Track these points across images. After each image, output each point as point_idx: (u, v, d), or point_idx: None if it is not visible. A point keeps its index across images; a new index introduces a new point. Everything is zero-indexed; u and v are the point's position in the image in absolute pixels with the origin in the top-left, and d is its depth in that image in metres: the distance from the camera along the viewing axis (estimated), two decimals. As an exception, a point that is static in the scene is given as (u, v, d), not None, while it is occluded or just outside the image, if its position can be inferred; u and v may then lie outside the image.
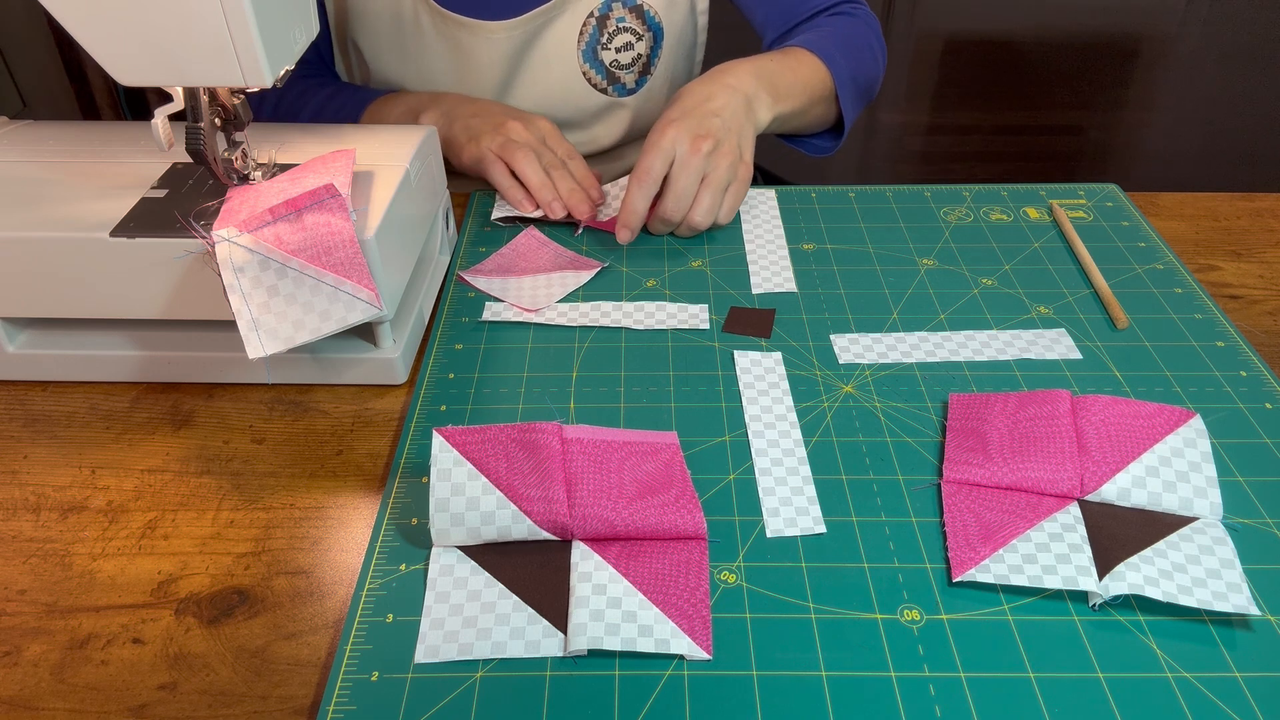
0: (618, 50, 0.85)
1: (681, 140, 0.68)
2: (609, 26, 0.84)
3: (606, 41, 0.85)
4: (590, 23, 0.83)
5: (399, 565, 0.48)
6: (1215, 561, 0.46)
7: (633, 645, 0.43)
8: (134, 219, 0.55)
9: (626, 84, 0.88)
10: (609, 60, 0.86)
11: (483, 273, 0.69)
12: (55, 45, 1.85)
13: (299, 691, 0.43)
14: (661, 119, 0.70)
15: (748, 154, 0.72)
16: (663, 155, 0.68)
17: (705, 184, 0.69)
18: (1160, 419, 0.51)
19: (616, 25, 0.84)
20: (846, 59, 0.81)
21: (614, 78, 0.87)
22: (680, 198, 0.69)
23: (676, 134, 0.68)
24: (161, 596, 0.47)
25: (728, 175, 0.70)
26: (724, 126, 0.70)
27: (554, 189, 0.74)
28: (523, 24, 0.82)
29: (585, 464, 0.49)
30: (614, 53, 0.85)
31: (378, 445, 0.56)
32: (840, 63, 0.80)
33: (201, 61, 0.50)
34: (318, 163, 0.58)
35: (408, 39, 0.84)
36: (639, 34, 0.86)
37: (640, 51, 0.87)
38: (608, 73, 0.86)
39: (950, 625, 0.44)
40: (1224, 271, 0.71)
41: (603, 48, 0.85)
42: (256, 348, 0.52)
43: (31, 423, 0.58)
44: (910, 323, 0.64)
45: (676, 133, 0.68)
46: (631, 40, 0.86)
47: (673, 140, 0.68)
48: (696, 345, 0.62)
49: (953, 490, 0.51)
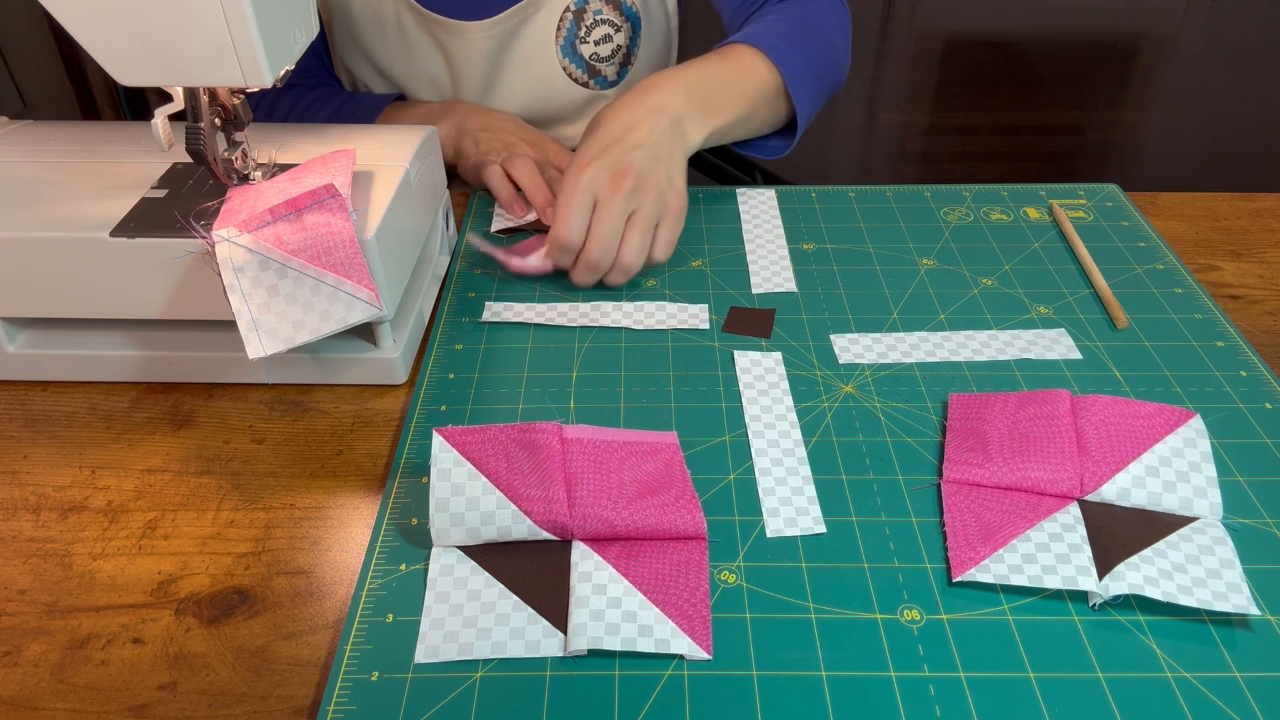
0: (596, 43, 0.85)
1: (600, 179, 0.63)
2: (586, 20, 0.83)
3: (585, 35, 0.84)
4: (567, 17, 0.83)
5: (399, 565, 0.48)
6: (1215, 561, 0.46)
7: (633, 645, 0.43)
8: (134, 219, 0.55)
9: (608, 76, 0.88)
10: (588, 54, 0.85)
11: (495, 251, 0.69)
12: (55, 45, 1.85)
13: (299, 691, 0.43)
14: (578, 156, 0.65)
15: (678, 182, 0.67)
16: (580, 199, 0.63)
17: (632, 222, 0.64)
18: (1160, 419, 0.51)
19: (594, 18, 0.84)
20: (796, 49, 0.75)
21: (594, 71, 0.86)
22: (604, 241, 0.63)
23: (594, 174, 0.63)
24: (161, 596, 0.47)
25: (654, 211, 0.65)
26: (647, 157, 0.65)
27: (549, 194, 0.72)
28: (499, 23, 0.82)
29: (585, 464, 0.49)
30: (593, 45, 0.85)
31: (378, 445, 0.56)
32: (789, 55, 0.74)
33: (201, 61, 0.50)
34: (318, 163, 0.58)
35: (392, 41, 0.84)
36: (617, 25, 0.85)
37: (619, 42, 0.86)
38: (588, 66, 0.86)
39: (950, 625, 0.44)
40: (1224, 271, 0.71)
41: (581, 41, 0.84)
42: (256, 348, 0.52)
43: (31, 423, 0.58)
44: (910, 323, 0.64)
45: (594, 172, 0.63)
46: (610, 32, 0.85)
47: (590, 180, 0.63)
48: (696, 345, 0.62)
49: (953, 490, 0.51)
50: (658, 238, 0.66)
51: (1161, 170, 2.40)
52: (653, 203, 0.65)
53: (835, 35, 0.80)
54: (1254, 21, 3.20)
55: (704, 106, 0.69)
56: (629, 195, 0.64)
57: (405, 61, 0.85)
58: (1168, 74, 2.89)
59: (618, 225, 0.64)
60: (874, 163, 2.46)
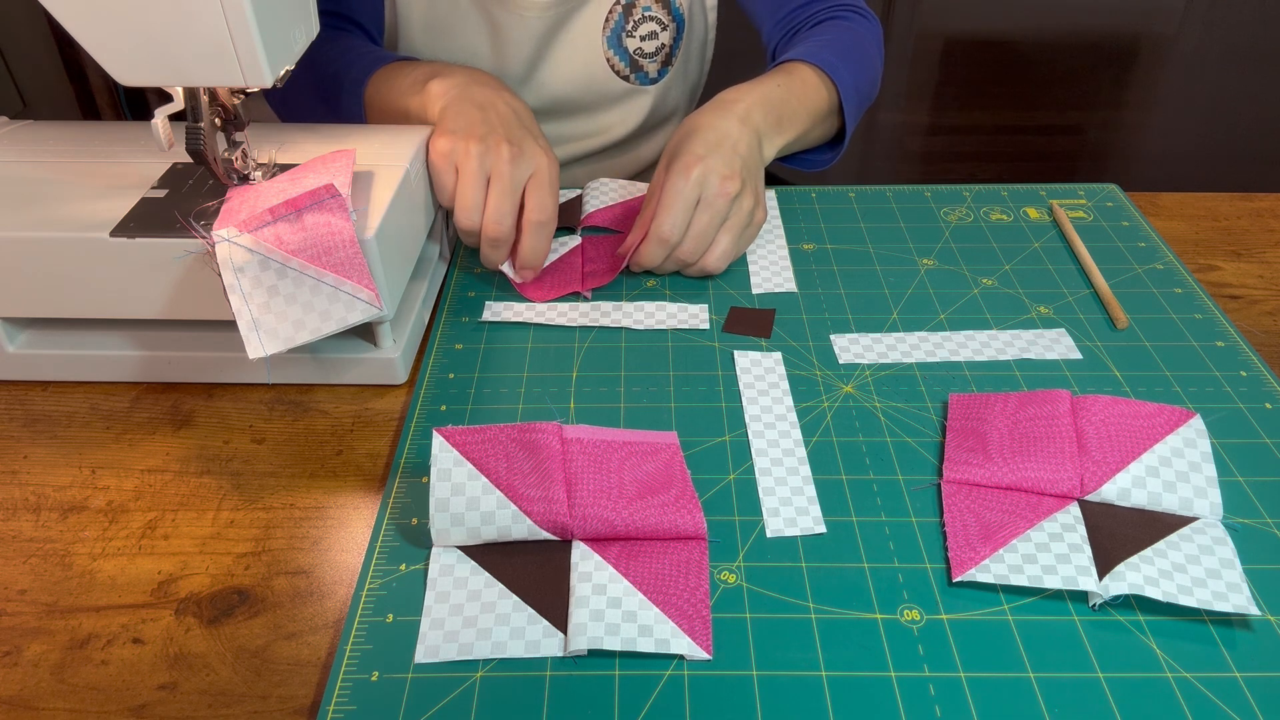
0: (642, 39, 0.86)
1: (710, 180, 0.64)
2: (635, 14, 0.85)
3: (632, 29, 0.85)
4: (617, 10, 0.84)
5: (399, 565, 0.48)
6: (1215, 561, 0.46)
7: (633, 645, 0.43)
8: (134, 219, 0.55)
9: (649, 73, 0.89)
10: (633, 48, 0.86)
11: None
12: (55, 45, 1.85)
13: (299, 691, 0.43)
14: (685, 154, 0.65)
15: (763, 197, 0.70)
16: (689, 196, 0.64)
17: (726, 228, 0.66)
18: (1160, 419, 0.51)
19: (642, 14, 0.85)
20: (850, 68, 0.78)
21: (637, 65, 0.87)
22: (702, 240, 0.65)
23: (704, 173, 0.64)
24: (161, 596, 0.47)
25: (747, 220, 0.67)
26: (747, 168, 0.66)
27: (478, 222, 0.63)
28: (555, 6, 0.82)
29: (585, 464, 0.49)
30: (638, 41, 0.86)
31: (378, 445, 0.56)
32: (844, 74, 0.77)
33: (201, 61, 0.50)
34: (318, 163, 0.58)
35: (441, 10, 0.84)
36: (664, 23, 0.86)
37: (664, 41, 0.87)
38: (631, 60, 0.87)
39: (950, 625, 0.44)
40: (1224, 271, 0.71)
41: (628, 35, 0.85)
42: (256, 348, 0.52)
43: (31, 423, 0.58)
44: (910, 323, 0.64)
45: (704, 172, 0.64)
46: (656, 29, 0.86)
47: (700, 178, 0.64)
48: (696, 345, 0.62)
49: (953, 490, 0.51)
50: (736, 248, 0.68)
51: (1161, 170, 2.40)
52: (748, 212, 0.67)
53: (876, 55, 0.84)
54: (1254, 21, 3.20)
55: (776, 123, 0.72)
56: (733, 199, 0.65)
57: (448, 35, 0.84)
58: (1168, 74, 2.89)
59: (715, 225, 0.66)
60: (874, 163, 2.46)
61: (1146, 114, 2.67)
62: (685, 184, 0.64)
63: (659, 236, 0.65)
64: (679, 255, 0.66)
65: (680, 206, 0.64)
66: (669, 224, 0.64)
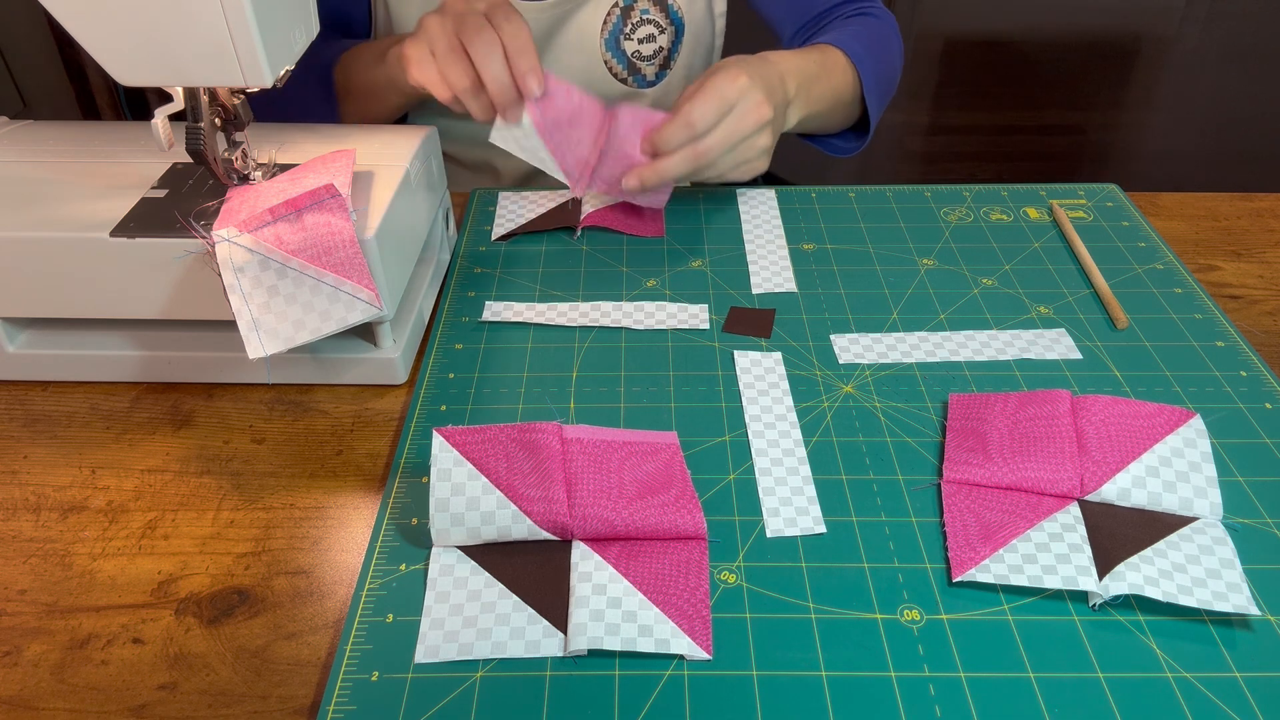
0: (640, 41, 0.86)
1: (752, 95, 0.64)
2: (633, 17, 0.85)
3: (630, 32, 0.86)
4: (615, 12, 0.85)
5: (399, 565, 0.48)
6: (1215, 561, 0.46)
7: (633, 645, 0.43)
8: (134, 219, 0.55)
9: (647, 75, 0.89)
10: (630, 51, 0.87)
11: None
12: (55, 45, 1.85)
13: (299, 691, 0.43)
14: (732, 68, 0.65)
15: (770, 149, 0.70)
16: (721, 104, 0.63)
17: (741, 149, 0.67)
18: (1160, 419, 0.51)
19: (640, 16, 0.85)
20: (874, 60, 0.80)
21: (635, 68, 0.88)
22: (727, 145, 0.65)
23: (748, 87, 0.64)
24: (161, 596, 0.47)
25: (759, 156, 0.67)
26: (775, 113, 0.67)
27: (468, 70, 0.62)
28: (552, 7, 0.83)
29: (585, 464, 0.49)
30: (636, 43, 0.86)
31: (378, 445, 0.56)
32: (868, 64, 0.79)
33: (201, 61, 0.50)
34: (318, 163, 0.58)
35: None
36: (662, 27, 0.87)
37: (662, 44, 0.88)
38: (629, 63, 0.87)
39: (950, 625, 0.44)
40: (1224, 271, 0.71)
41: (625, 38, 0.86)
42: (256, 348, 0.52)
43: (31, 423, 0.58)
44: (910, 323, 0.64)
45: (749, 86, 0.64)
46: (654, 33, 0.87)
47: (742, 90, 0.64)
48: (696, 345, 0.62)
49: (953, 490, 0.51)
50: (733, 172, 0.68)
51: (1162, 170, 2.40)
52: (764, 149, 0.67)
53: (898, 53, 0.86)
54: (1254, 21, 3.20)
55: (805, 97, 0.73)
56: (762, 124, 0.66)
57: None
58: (1168, 74, 2.89)
59: (738, 139, 0.65)
60: (874, 163, 2.46)
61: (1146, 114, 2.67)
62: (730, 86, 0.64)
63: (688, 120, 0.64)
64: (696, 149, 0.65)
65: (717, 103, 0.64)
66: (700, 112, 0.64)
